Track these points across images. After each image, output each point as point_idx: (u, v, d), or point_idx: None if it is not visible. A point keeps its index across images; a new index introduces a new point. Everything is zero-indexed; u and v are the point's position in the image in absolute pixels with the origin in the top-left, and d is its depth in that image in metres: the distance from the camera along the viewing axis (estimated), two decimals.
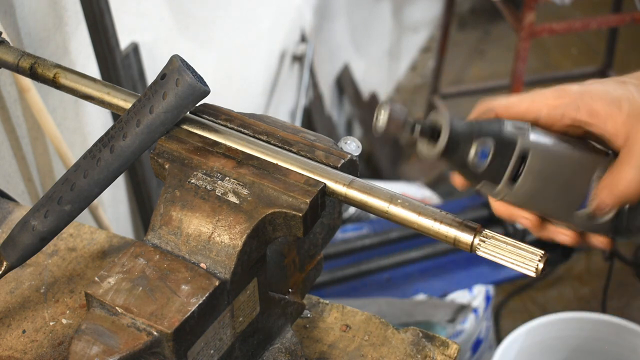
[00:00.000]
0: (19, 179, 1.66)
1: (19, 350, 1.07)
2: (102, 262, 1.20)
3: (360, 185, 0.89)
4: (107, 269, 0.86)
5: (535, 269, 0.81)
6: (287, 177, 0.90)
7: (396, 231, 2.71)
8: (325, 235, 1.09)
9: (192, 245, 0.88)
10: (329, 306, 1.15)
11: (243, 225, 0.86)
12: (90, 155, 0.94)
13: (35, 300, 1.13)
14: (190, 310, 0.82)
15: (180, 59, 0.91)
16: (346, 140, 0.97)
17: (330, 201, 1.04)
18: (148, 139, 0.93)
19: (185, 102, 0.91)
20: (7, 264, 0.98)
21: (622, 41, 4.04)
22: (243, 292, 0.89)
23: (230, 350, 0.92)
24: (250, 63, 2.85)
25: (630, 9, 3.26)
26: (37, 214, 0.96)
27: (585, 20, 3.20)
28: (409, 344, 1.09)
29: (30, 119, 1.64)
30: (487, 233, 0.83)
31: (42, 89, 1.54)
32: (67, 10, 1.72)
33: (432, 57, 4.53)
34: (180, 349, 0.82)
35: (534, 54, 4.13)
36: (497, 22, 4.63)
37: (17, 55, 1.08)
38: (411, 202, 0.87)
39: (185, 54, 0.95)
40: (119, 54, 1.81)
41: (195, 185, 0.90)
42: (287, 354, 1.02)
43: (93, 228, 1.25)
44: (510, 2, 3.09)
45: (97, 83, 1.04)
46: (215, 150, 0.94)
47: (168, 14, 2.21)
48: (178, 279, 0.84)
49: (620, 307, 2.94)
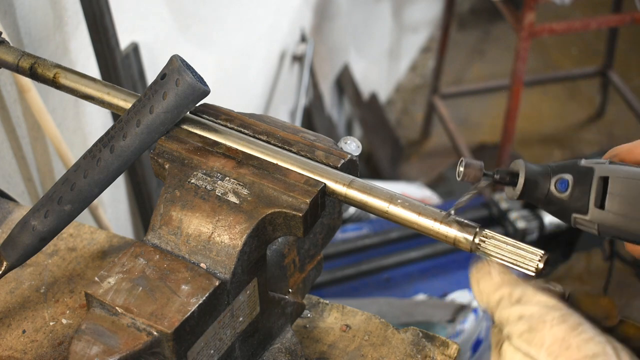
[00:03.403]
0: (19, 179, 1.66)
1: (19, 350, 1.07)
2: (102, 262, 1.20)
3: (360, 185, 0.89)
4: (107, 269, 0.86)
5: (535, 268, 0.81)
6: (287, 177, 0.90)
7: (396, 231, 2.71)
8: (325, 235, 1.09)
9: (192, 245, 0.88)
10: (329, 306, 1.15)
11: (243, 225, 0.86)
12: (90, 155, 0.94)
13: (35, 300, 1.13)
14: (190, 310, 0.82)
15: (180, 59, 0.91)
16: (346, 140, 0.97)
17: (330, 201, 1.04)
18: (148, 139, 0.93)
19: (185, 102, 0.91)
20: (7, 264, 0.98)
21: (622, 41, 4.04)
22: (243, 292, 0.89)
23: (230, 350, 0.92)
24: (250, 63, 2.85)
25: (630, 9, 3.26)
26: (37, 214, 0.96)
27: (585, 20, 3.20)
28: (409, 344, 1.09)
29: (30, 119, 1.64)
30: (487, 233, 0.83)
31: (42, 89, 1.54)
32: (67, 10, 1.72)
33: (432, 57, 4.53)
34: (180, 349, 0.82)
35: (534, 54, 4.13)
36: (497, 22, 4.63)
37: (17, 55, 1.08)
38: (411, 202, 0.87)
39: (185, 54, 0.95)
40: (119, 54, 1.81)
41: (195, 185, 0.90)
42: (287, 354, 1.02)
43: (93, 228, 1.25)
44: (510, 2, 3.09)
45: (97, 83, 1.04)
46: (215, 150, 0.94)
47: (168, 14, 2.21)
48: (178, 279, 0.84)
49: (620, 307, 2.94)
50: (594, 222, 0.84)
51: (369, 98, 3.89)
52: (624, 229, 0.84)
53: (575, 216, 0.84)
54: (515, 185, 0.85)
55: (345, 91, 3.72)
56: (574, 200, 0.83)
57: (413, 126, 4.28)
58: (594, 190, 0.83)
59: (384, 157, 3.73)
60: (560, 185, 0.84)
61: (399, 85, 4.53)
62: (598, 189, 0.83)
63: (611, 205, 0.83)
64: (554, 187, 0.84)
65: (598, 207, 0.83)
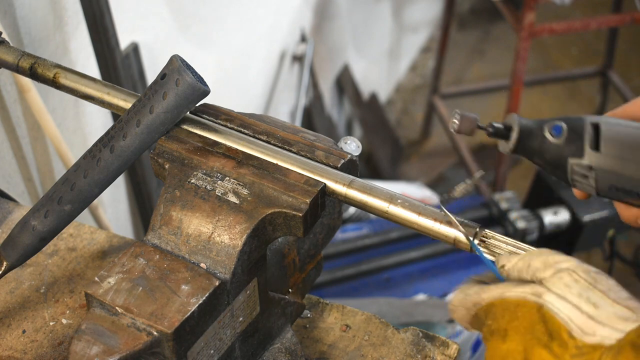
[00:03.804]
0: (19, 179, 1.66)
1: (19, 350, 1.06)
2: (102, 262, 1.20)
3: (360, 185, 0.89)
4: (107, 269, 0.86)
5: None
6: (287, 177, 0.90)
7: (396, 231, 2.71)
8: (325, 235, 1.09)
9: (192, 245, 0.88)
10: (329, 306, 1.15)
11: (243, 225, 0.86)
12: (90, 155, 0.94)
13: (35, 300, 1.13)
14: (190, 310, 0.82)
15: (180, 59, 0.91)
16: (346, 140, 0.97)
17: (330, 201, 1.04)
18: (148, 139, 0.93)
19: (185, 102, 0.91)
20: (7, 264, 0.98)
21: (622, 41, 4.04)
22: (243, 292, 0.89)
23: (230, 350, 0.92)
24: (250, 63, 2.85)
25: (630, 9, 3.26)
26: (37, 214, 0.96)
27: (585, 20, 3.19)
28: (409, 344, 1.09)
29: (30, 119, 1.64)
30: (487, 233, 0.83)
31: (42, 89, 1.54)
32: (67, 10, 1.72)
33: (432, 57, 4.53)
34: (180, 349, 0.82)
35: (534, 54, 4.13)
36: (497, 22, 4.63)
37: (17, 55, 1.08)
38: (411, 202, 0.87)
39: (185, 54, 0.95)
40: (119, 54, 1.81)
41: (195, 185, 0.90)
42: (287, 354, 1.02)
43: (93, 228, 1.25)
44: (510, 2, 3.09)
45: (97, 83, 1.04)
46: (215, 150, 0.94)
47: (168, 14, 2.21)
48: (178, 279, 0.84)
49: None
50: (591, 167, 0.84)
51: (369, 98, 3.88)
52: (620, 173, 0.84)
53: (572, 162, 0.84)
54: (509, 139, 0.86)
55: (345, 91, 3.72)
56: (569, 144, 0.84)
57: (413, 126, 4.28)
58: (587, 134, 0.84)
59: (384, 157, 3.72)
60: (555, 130, 0.84)
61: (399, 85, 4.53)
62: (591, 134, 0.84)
63: (606, 147, 0.83)
64: (549, 133, 0.84)
65: (593, 149, 0.83)
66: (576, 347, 0.69)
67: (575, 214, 2.67)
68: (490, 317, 0.77)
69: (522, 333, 0.73)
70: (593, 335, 0.69)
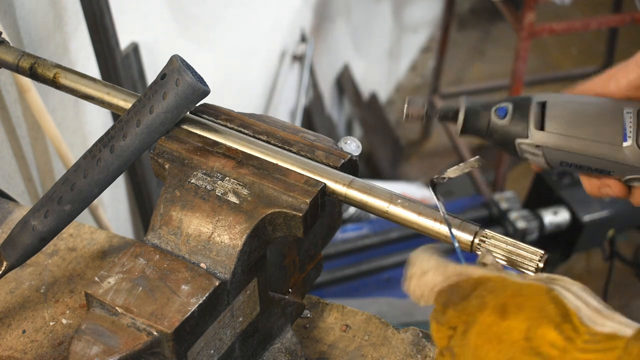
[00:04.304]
0: (19, 179, 1.66)
1: (19, 350, 1.07)
2: (102, 262, 1.20)
3: (360, 185, 0.89)
4: (107, 269, 0.86)
5: (535, 268, 0.81)
6: (287, 177, 0.90)
7: (396, 231, 2.71)
8: (325, 235, 1.09)
9: (192, 245, 0.88)
10: (329, 306, 1.15)
11: (243, 225, 0.86)
12: (90, 155, 0.94)
13: (35, 300, 1.13)
14: (190, 310, 0.81)
15: (180, 59, 0.91)
16: (346, 140, 0.97)
17: (330, 201, 1.04)
18: (148, 139, 0.93)
19: (185, 102, 0.91)
20: (7, 264, 0.98)
21: (622, 41, 4.04)
22: (243, 292, 0.89)
23: (230, 350, 0.92)
24: (250, 63, 2.85)
25: (630, 9, 3.26)
26: (37, 214, 0.96)
27: (585, 20, 3.20)
28: (409, 344, 1.09)
29: (30, 119, 1.64)
30: (487, 233, 0.83)
31: (42, 89, 1.54)
32: (67, 10, 1.72)
33: (432, 57, 4.53)
34: (180, 349, 0.82)
35: (534, 54, 4.13)
36: (497, 22, 4.63)
37: (17, 55, 1.08)
38: (411, 202, 0.87)
39: (185, 54, 0.95)
40: (119, 54, 1.81)
41: (195, 185, 0.90)
42: (287, 354, 1.02)
43: (93, 228, 1.25)
44: (510, 2, 3.09)
45: (97, 83, 1.04)
46: (215, 150, 0.94)
47: (168, 14, 2.21)
48: (178, 279, 0.84)
49: (620, 307, 2.94)
50: (538, 146, 0.85)
51: (369, 98, 3.89)
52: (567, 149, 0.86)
53: (518, 142, 0.86)
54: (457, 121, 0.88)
55: (345, 91, 3.72)
56: (514, 124, 0.86)
57: (413, 126, 4.28)
58: (532, 114, 0.85)
59: (384, 157, 3.73)
60: (500, 111, 0.86)
61: (399, 85, 4.53)
62: (537, 113, 0.85)
63: (550, 125, 0.85)
64: (494, 115, 0.86)
65: (538, 129, 0.85)
66: (589, 334, 0.67)
67: (575, 214, 2.67)
68: (483, 290, 0.73)
69: (529, 311, 0.69)
70: (603, 326, 0.67)
